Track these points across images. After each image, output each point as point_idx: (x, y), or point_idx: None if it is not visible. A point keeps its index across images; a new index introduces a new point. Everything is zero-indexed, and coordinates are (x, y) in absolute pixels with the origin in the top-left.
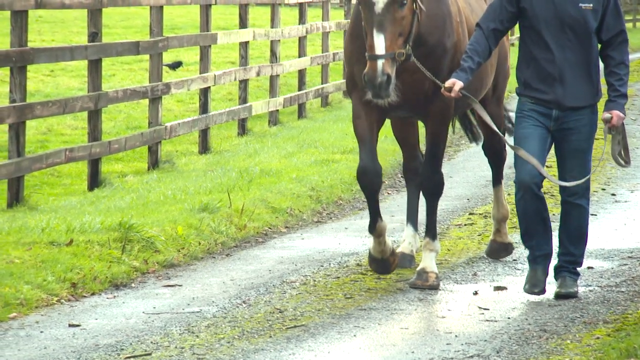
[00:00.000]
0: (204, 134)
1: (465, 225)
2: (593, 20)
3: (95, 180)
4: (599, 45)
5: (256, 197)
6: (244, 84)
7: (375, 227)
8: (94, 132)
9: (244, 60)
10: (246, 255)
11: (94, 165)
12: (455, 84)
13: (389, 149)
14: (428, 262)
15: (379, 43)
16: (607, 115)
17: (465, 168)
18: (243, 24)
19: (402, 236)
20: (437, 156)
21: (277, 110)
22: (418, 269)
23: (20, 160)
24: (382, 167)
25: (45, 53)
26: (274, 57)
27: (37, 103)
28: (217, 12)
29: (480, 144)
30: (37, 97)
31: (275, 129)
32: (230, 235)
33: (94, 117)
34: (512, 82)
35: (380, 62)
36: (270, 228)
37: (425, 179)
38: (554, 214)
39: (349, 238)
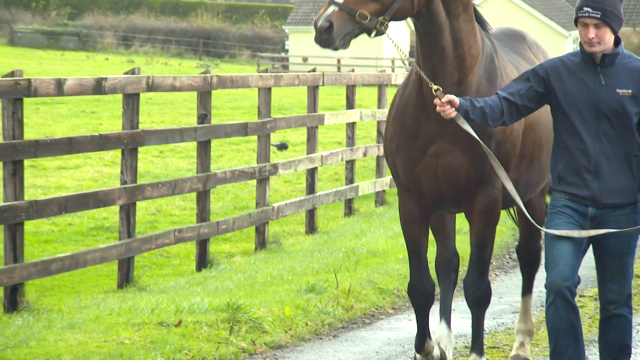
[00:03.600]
0: (311, 214)
1: None
2: (633, 107)
3: (203, 261)
4: None
5: (363, 278)
6: (350, 164)
7: (423, 345)
8: (203, 213)
9: (350, 140)
10: (353, 337)
11: (202, 245)
12: (448, 95)
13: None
14: None
15: None
16: None
17: None
18: (350, 104)
19: (434, 333)
20: (483, 261)
21: (384, 190)
22: None
23: (130, 241)
24: None
25: (155, 135)
26: (380, 137)
27: (147, 184)
28: (324, 92)
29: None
30: (146, 178)
31: (381, 209)
32: (337, 316)
33: (203, 198)
34: None
35: (331, 8)
36: (377, 309)
37: (469, 288)
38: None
39: (456, 319)
